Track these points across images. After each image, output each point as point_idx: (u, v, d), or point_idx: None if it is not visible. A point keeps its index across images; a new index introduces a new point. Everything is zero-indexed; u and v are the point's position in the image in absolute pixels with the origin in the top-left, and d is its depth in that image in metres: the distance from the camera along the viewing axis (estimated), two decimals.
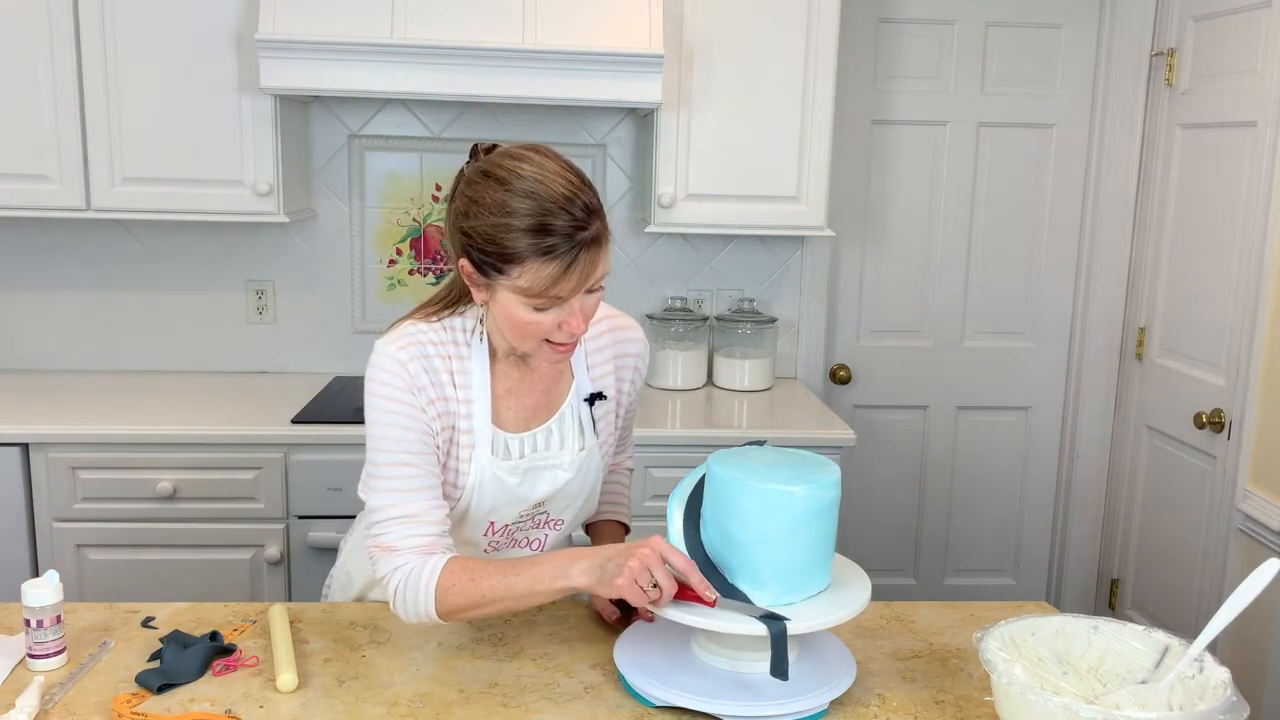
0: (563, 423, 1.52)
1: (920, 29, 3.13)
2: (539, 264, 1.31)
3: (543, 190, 1.30)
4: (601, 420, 1.56)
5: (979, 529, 3.45)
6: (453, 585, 1.35)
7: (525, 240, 1.30)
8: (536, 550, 1.59)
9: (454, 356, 1.45)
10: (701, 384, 3.06)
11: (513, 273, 1.32)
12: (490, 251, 1.33)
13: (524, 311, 1.35)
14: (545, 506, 1.54)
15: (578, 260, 1.31)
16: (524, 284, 1.32)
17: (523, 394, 1.51)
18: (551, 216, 1.30)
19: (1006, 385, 3.37)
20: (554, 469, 1.51)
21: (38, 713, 1.28)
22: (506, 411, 1.50)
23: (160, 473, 2.48)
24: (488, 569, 1.36)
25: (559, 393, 1.53)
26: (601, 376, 1.55)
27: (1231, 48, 2.71)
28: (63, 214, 2.64)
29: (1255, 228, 2.58)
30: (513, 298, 1.35)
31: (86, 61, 2.57)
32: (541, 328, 1.37)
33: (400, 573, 1.38)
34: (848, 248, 3.23)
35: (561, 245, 1.30)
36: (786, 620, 1.26)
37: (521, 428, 1.51)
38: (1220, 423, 2.72)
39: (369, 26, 2.45)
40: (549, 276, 1.31)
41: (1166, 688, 1.22)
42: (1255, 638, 2.49)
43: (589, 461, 1.54)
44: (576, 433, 1.53)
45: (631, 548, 1.29)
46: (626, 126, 3.05)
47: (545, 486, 1.51)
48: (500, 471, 1.47)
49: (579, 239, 1.31)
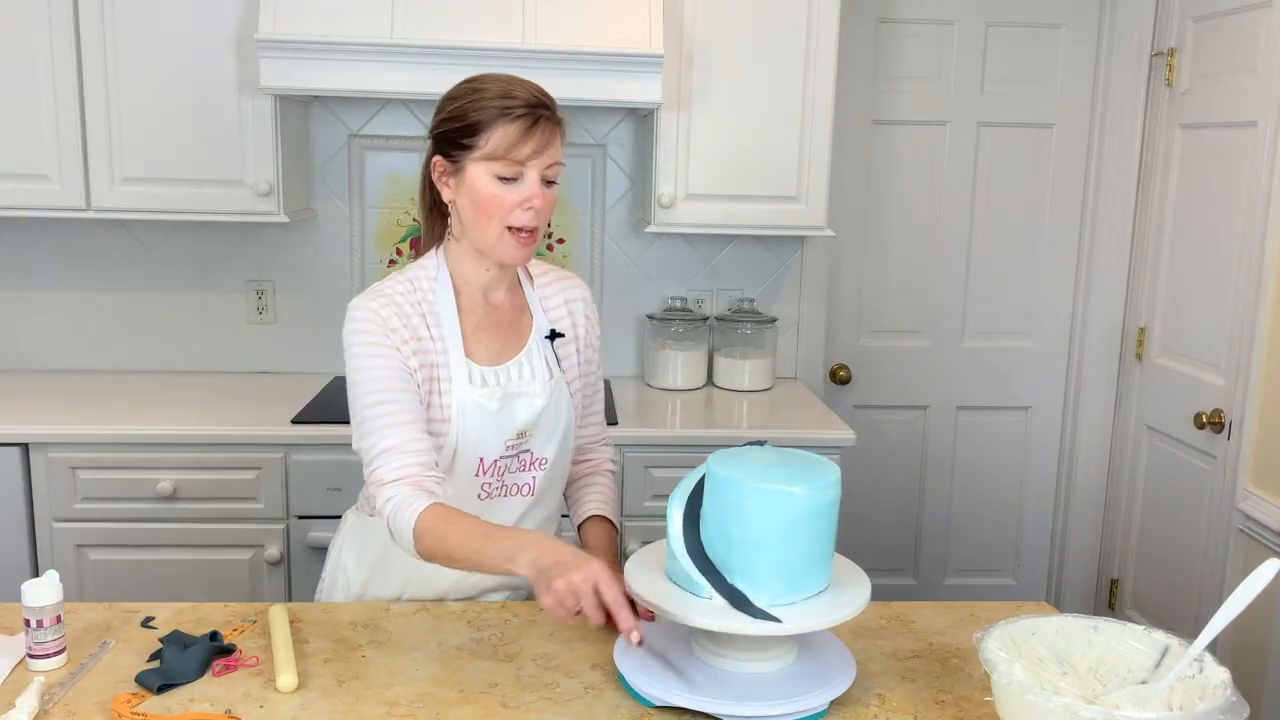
0: (530, 356, 1.65)
1: (920, 29, 3.13)
2: (504, 125, 1.49)
3: (511, 80, 1.54)
4: (566, 359, 1.70)
5: (979, 529, 3.45)
6: (428, 530, 1.44)
7: (492, 104, 1.49)
8: (528, 496, 1.67)
9: (422, 301, 1.58)
10: (701, 384, 3.06)
11: (479, 141, 1.50)
12: (459, 127, 1.51)
13: (489, 184, 1.51)
14: (527, 441, 1.63)
15: (538, 125, 1.49)
16: (489, 148, 1.49)
17: (490, 329, 1.63)
18: (515, 89, 1.51)
19: (1006, 385, 3.37)
20: (529, 396, 1.62)
21: (38, 713, 1.28)
22: (478, 346, 1.62)
23: (160, 473, 2.48)
24: (459, 527, 1.43)
25: (523, 331, 1.66)
26: (558, 319, 1.70)
27: (1231, 48, 2.71)
28: (63, 214, 2.64)
29: (1255, 228, 2.58)
30: (479, 171, 1.51)
31: (86, 61, 2.57)
32: (505, 203, 1.51)
33: (391, 504, 1.48)
34: (848, 247, 3.23)
35: (523, 109, 1.49)
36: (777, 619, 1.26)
37: (494, 362, 1.62)
38: (1220, 423, 2.72)
39: (369, 26, 2.45)
40: (512, 135, 1.48)
41: (1166, 688, 1.22)
42: (1255, 638, 2.49)
43: (559, 393, 1.66)
44: (544, 366, 1.66)
45: (571, 566, 1.31)
46: (626, 126, 3.05)
47: (524, 413, 1.61)
48: (480, 398, 1.58)
49: (537, 109, 1.50)
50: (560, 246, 3.09)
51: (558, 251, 3.09)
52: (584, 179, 3.07)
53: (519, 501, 1.66)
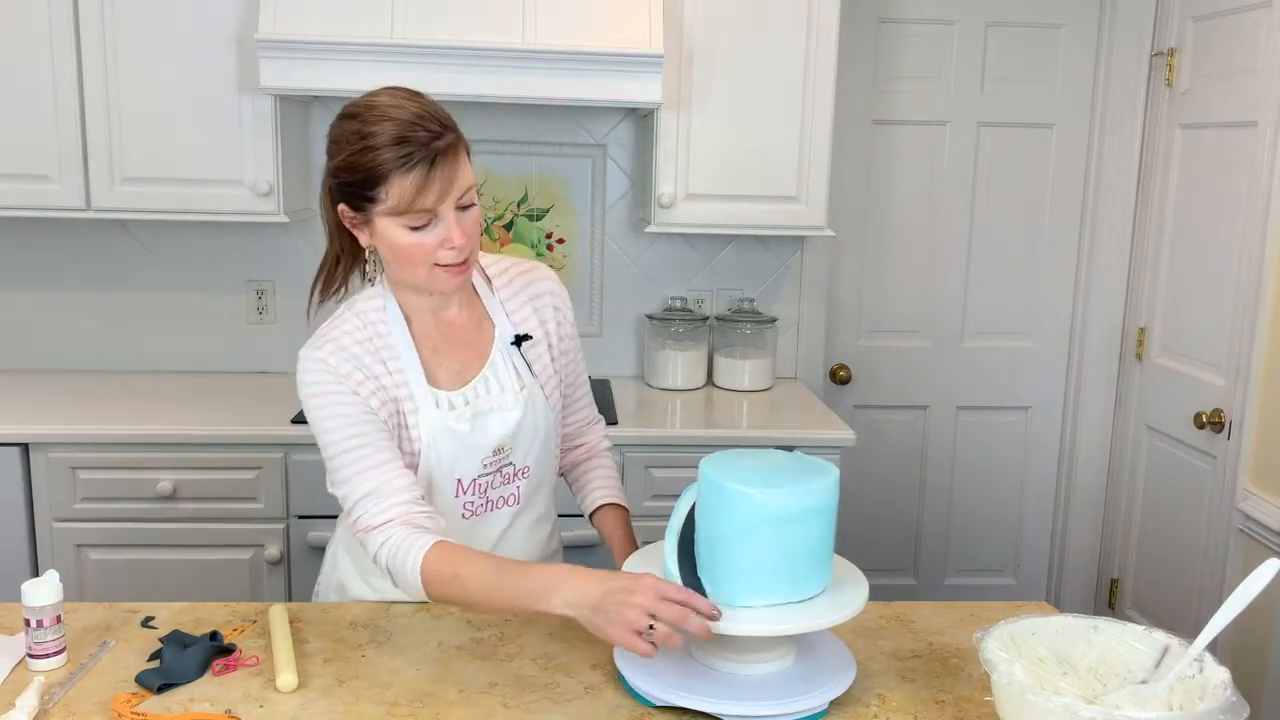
0: (496, 370, 1.58)
1: (920, 29, 3.13)
2: (401, 177, 1.38)
3: (394, 113, 1.40)
4: (536, 362, 1.62)
5: (979, 529, 3.45)
6: (436, 575, 1.39)
7: (384, 155, 1.37)
8: (514, 506, 1.62)
9: (374, 336, 1.51)
10: (701, 384, 3.06)
11: (380, 194, 1.40)
12: (357, 180, 1.40)
13: (403, 235, 1.42)
14: (507, 454, 1.58)
15: (436, 166, 1.38)
16: (392, 202, 1.39)
17: (448, 351, 1.56)
18: (406, 131, 1.38)
19: (1006, 385, 3.37)
20: (501, 411, 1.56)
21: (38, 713, 1.28)
22: (439, 370, 1.55)
23: (160, 473, 2.48)
24: (472, 569, 1.37)
25: (483, 344, 1.58)
26: (522, 321, 1.61)
27: (1231, 48, 2.71)
28: (63, 214, 2.64)
29: (1255, 228, 2.58)
30: (388, 223, 1.42)
31: (86, 61, 2.57)
32: (424, 249, 1.43)
33: (386, 548, 1.42)
34: (848, 247, 3.22)
35: (418, 153, 1.37)
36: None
37: (458, 384, 1.56)
38: (1220, 423, 2.72)
39: (369, 26, 2.45)
40: (413, 186, 1.38)
41: (1166, 688, 1.22)
42: (1255, 638, 2.49)
43: (533, 400, 1.59)
44: (513, 375, 1.58)
45: (624, 591, 1.26)
46: (626, 126, 3.05)
47: (497, 428, 1.55)
48: (449, 421, 1.52)
49: (434, 146, 1.38)
50: (560, 246, 3.09)
51: (558, 251, 3.09)
52: (584, 179, 3.06)
53: (506, 513, 1.62)
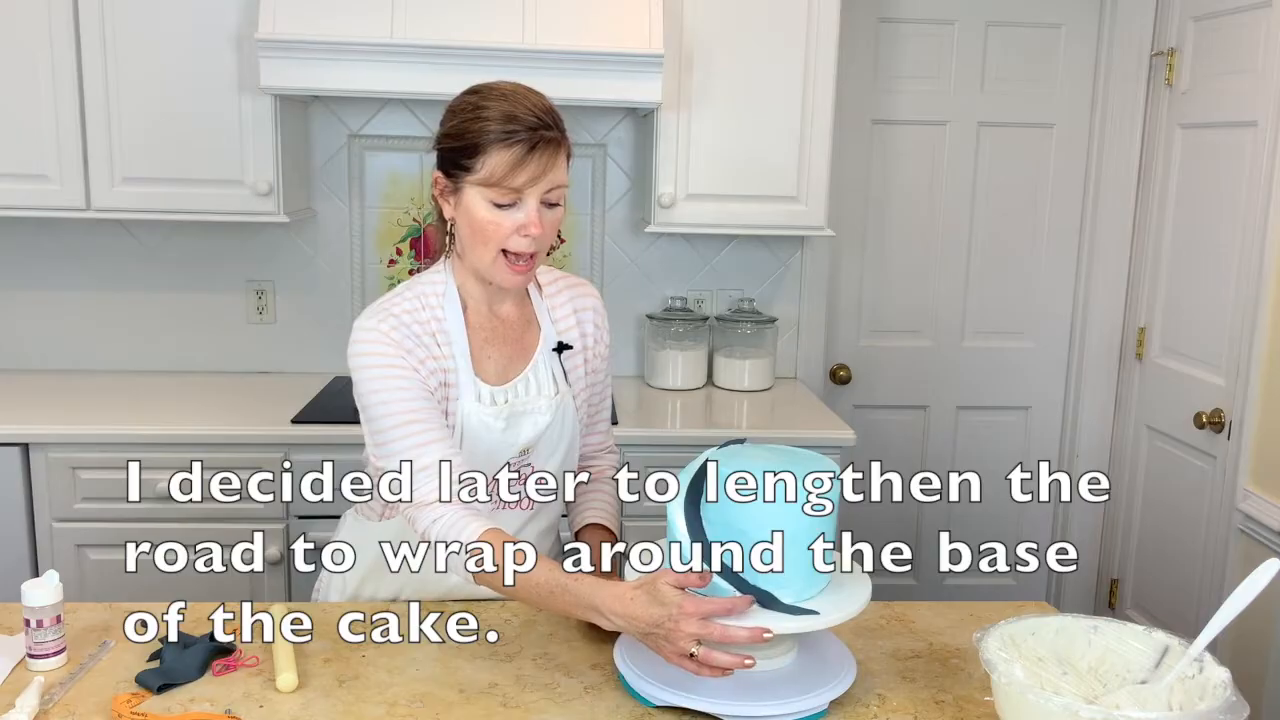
0: (537, 371, 1.62)
1: (920, 29, 3.13)
2: (500, 151, 1.43)
3: (512, 97, 1.46)
4: (573, 372, 1.66)
5: (979, 529, 3.44)
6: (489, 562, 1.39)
7: (490, 127, 1.43)
8: (527, 510, 1.64)
9: (430, 319, 1.54)
10: (701, 384, 3.06)
11: (476, 165, 1.44)
12: (458, 146, 1.46)
13: (486, 210, 1.46)
14: (529, 456, 1.61)
15: (536, 149, 1.43)
16: (485, 173, 1.44)
17: (497, 345, 1.60)
18: (518, 111, 1.44)
19: (1006, 385, 3.37)
20: (534, 414, 1.60)
21: (38, 713, 1.28)
22: (486, 362, 1.58)
23: (160, 473, 2.48)
24: (523, 567, 1.37)
25: (530, 343, 1.63)
26: (566, 329, 1.66)
27: (1231, 48, 2.71)
28: (63, 214, 2.64)
29: (1255, 228, 2.58)
30: (475, 195, 1.46)
31: (86, 61, 2.57)
32: (501, 230, 1.46)
33: (439, 525, 1.42)
34: (848, 247, 3.22)
35: (521, 134, 1.42)
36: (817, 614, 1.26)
37: (501, 380, 1.59)
38: (1220, 423, 2.72)
39: (369, 26, 2.45)
40: (508, 162, 1.42)
41: (1166, 688, 1.22)
42: (1255, 638, 2.49)
43: (565, 408, 1.63)
44: (550, 380, 1.63)
45: (672, 620, 1.25)
46: (626, 126, 3.05)
47: (528, 431, 1.59)
48: (486, 416, 1.55)
49: (539, 133, 1.43)
50: (560, 246, 3.09)
51: (558, 251, 3.09)
52: (584, 179, 3.06)
53: (517, 515, 1.63)
